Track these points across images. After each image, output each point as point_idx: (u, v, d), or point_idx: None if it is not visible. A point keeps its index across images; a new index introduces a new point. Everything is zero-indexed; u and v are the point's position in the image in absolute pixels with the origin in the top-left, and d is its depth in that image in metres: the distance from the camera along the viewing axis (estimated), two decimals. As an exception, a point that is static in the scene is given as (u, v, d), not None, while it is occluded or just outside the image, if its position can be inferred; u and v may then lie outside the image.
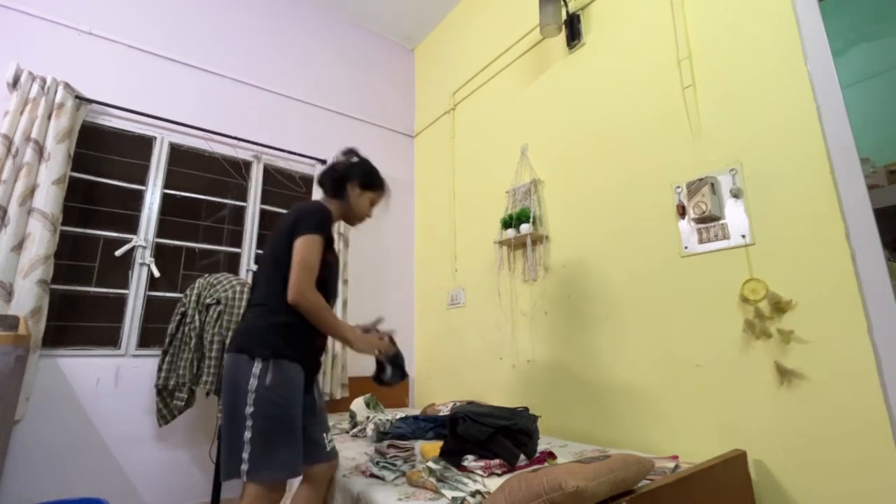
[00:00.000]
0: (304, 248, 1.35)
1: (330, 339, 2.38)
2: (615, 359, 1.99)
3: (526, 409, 1.69)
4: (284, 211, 3.06)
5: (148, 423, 2.31)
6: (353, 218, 1.66)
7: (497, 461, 1.45)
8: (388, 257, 3.45)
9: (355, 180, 1.60)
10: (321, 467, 1.47)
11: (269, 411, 1.27)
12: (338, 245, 2.98)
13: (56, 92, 2.26)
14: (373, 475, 1.49)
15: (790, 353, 1.48)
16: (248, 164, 2.95)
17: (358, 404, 2.37)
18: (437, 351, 3.16)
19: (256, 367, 1.28)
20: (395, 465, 1.51)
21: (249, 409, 1.25)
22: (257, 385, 1.27)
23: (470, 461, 1.46)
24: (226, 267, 2.76)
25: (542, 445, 1.69)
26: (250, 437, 1.24)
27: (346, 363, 2.88)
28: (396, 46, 3.94)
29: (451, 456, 1.49)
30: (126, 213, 2.50)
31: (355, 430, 2.20)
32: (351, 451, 1.83)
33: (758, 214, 1.61)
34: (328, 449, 1.48)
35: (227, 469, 1.27)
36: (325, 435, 1.49)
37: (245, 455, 1.24)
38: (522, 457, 1.51)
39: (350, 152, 1.67)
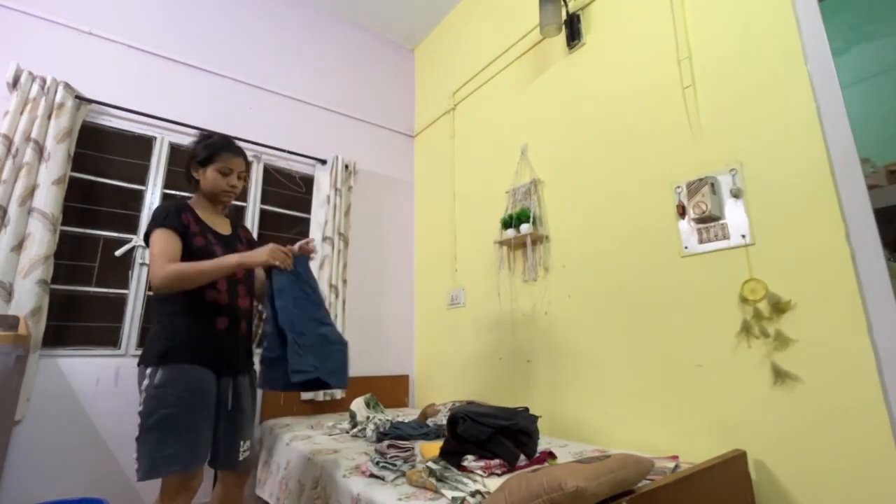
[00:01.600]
0: (152, 244, 1.43)
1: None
2: (615, 358, 1.99)
3: (526, 409, 1.69)
4: (284, 211, 3.07)
5: (148, 423, 2.31)
6: (216, 198, 1.64)
7: (497, 461, 1.45)
8: (388, 257, 3.44)
9: (194, 162, 1.61)
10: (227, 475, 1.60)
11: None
12: (337, 244, 2.97)
13: (56, 92, 2.26)
14: (373, 475, 1.48)
15: (790, 353, 1.47)
16: (247, 164, 2.95)
17: (358, 404, 2.37)
18: (437, 351, 3.16)
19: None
20: (395, 465, 1.50)
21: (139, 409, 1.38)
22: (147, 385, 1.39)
23: (470, 461, 1.46)
24: (226, 267, 2.75)
25: (542, 445, 1.69)
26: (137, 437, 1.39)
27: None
28: (396, 46, 3.93)
29: (451, 456, 1.48)
30: (126, 213, 2.50)
31: (355, 430, 2.20)
32: (351, 451, 1.83)
33: (758, 214, 1.61)
34: (240, 458, 1.56)
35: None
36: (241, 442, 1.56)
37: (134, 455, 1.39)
38: (522, 457, 1.50)
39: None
